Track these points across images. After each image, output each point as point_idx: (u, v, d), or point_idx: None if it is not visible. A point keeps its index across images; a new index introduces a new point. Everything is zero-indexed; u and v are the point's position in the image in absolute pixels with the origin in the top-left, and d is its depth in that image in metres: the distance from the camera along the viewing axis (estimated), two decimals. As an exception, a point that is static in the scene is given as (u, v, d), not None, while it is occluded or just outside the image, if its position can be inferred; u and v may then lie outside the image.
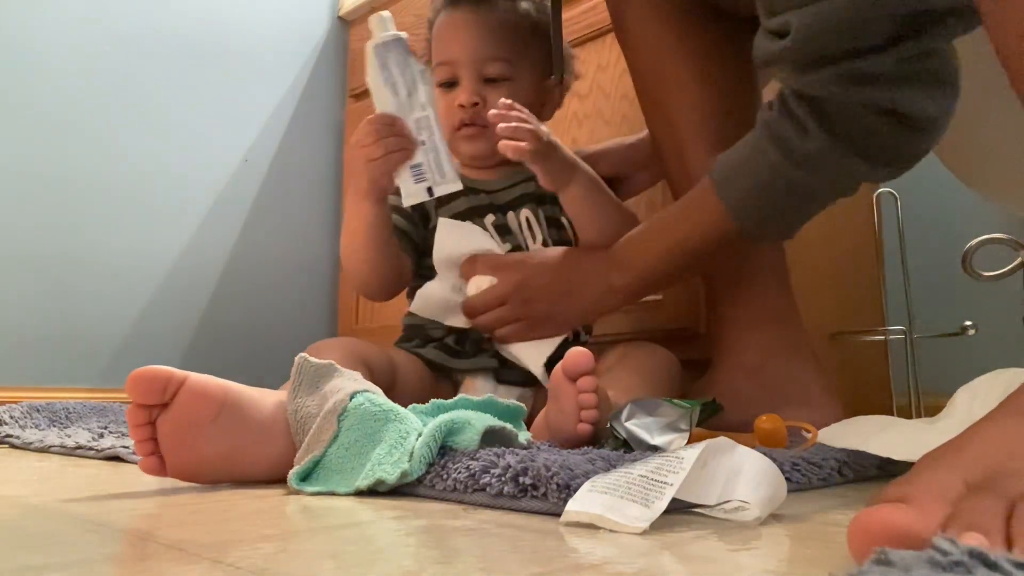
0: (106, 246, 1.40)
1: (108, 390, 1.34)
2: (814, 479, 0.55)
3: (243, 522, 0.41)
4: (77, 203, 1.37)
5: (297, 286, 1.65)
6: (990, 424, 0.35)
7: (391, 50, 0.79)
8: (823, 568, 0.31)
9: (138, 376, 0.52)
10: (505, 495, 0.46)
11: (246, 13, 1.63)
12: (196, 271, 1.51)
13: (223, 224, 1.56)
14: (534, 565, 0.31)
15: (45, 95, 1.35)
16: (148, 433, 0.53)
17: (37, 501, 0.49)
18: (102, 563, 0.33)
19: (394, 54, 0.79)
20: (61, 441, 0.84)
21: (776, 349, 0.87)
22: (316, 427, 0.55)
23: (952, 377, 0.73)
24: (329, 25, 1.77)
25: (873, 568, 0.23)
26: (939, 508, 0.29)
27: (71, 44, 1.39)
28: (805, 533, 0.39)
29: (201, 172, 1.54)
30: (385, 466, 0.51)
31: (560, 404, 0.62)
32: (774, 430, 0.65)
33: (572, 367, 0.61)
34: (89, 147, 1.40)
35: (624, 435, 0.60)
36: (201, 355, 1.49)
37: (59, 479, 0.62)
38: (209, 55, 1.57)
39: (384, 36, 0.79)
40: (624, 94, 1.15)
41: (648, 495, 0.39)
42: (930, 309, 1.16)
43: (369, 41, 0.80)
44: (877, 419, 0.72)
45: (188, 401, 0.53)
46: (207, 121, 1.56)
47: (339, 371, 0.60)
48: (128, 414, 0.53)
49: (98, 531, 0.39)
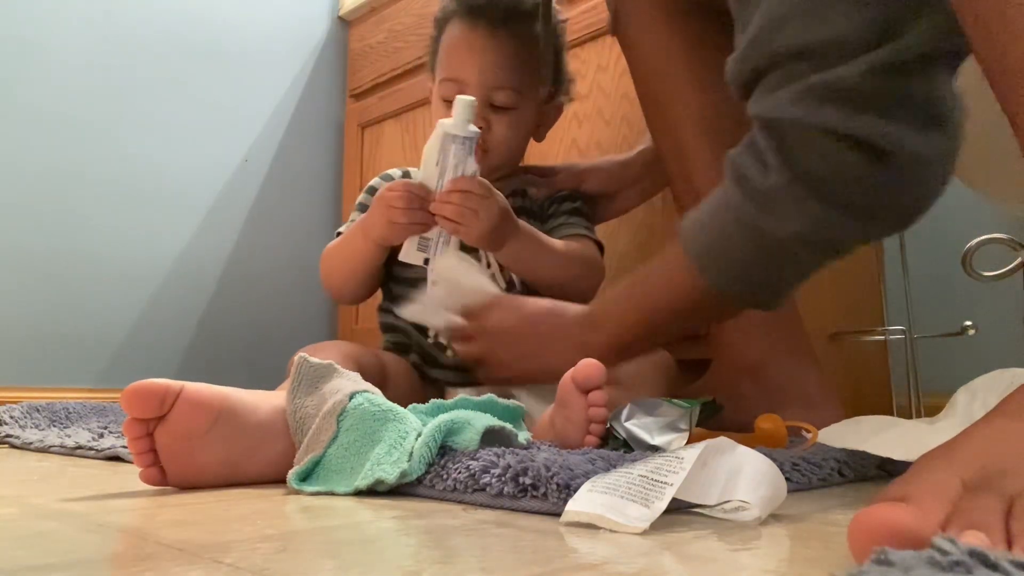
0: (106, 246, 1.40)
1: (108, 390, 1.34)
2: (814, 479, 0.55)
3: (243, 522, 0.41)
4: (77, 203, 1.37)
5: (297, 286, 1.65)
6: (987, 424, 0.35)
7: (458, 143, 0.82)
8: (823, 568, 0.31)
9: (134, 391, 0.52)
10: (505, 495, 0.46)
11: (246, 13, 1.63)
12: (196, 271, 1.51)
13: (223, 224, 1.56)
14: (534, 565, 0.31)
15: (45, 95, 1.35)
16: (147, 445, 0.53)
17: (37, 501, 0.49)
18: (102, 563, 0.33)
19: (458, 147, 0.82)
20: (61, 441, 0.84)
21: (776, 349, 0.87)
22: (315, 427, 0.55)
23: (952, 377, 0.73)
24: (329, 25, 1.77)
25: (873, 568, 0.23)
26: (938, 507, 0.29)
27: (71, 44, 1.39)
28: (805, 533, 0.39)
29: (201, 172, 1.54)
30: (384, 466, 0.51)
31: (568, 413, 0.62)
32: (774, 430, 0.65)
33: (583, 379, 0.61)
34: (89, 147, 1.40)
35: (624, 435, 0.60)
36: (200, 355, 1.49)
37: (59, 479, 0.62)
38: (209, 55, 1.57)
39: (461, 128, 0.82)
40: (624, 94, 1.15)
41: (648, 495, 0.39)
42: (930, 309, 1.16)
43: (445, 120, 0.83)
44: (877, 419, 0.72)
45: (185, 411, 0.53)
46: (207, 121, 1.56)
47: (338, 371, 0.60)
48: (125, 427, 0.53)
49: (98, 531, 0.39)
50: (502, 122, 0.92)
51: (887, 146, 0.54)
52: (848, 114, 0.53)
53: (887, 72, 0.52)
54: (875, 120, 0.53)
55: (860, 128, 0.54)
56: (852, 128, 0.54)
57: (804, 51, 0.55)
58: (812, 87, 0.54)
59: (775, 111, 0.57)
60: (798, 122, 0.56)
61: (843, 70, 0.53)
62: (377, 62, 1.65)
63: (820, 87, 0.54)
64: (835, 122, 0.54)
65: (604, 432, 0.61)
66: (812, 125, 0.55)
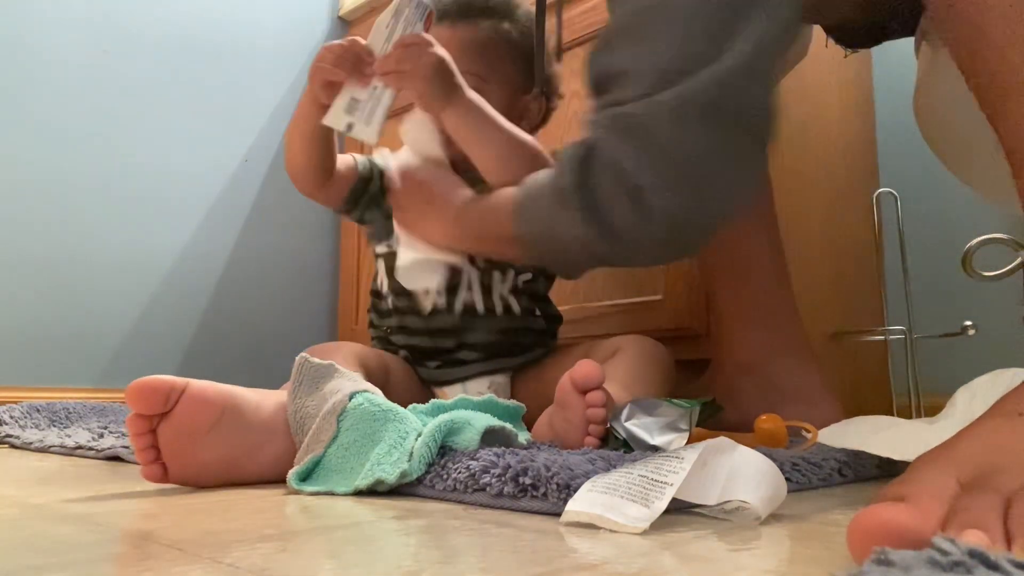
0: (106, 246, 1.40)
1: (108, 390, 1.34)
2: (814, 479, 0.55)
3: (243, 522, 0.41)
4: (77, 203, 1.37)
5: (297, 286, 1.65)
6: (985, 424, 0.35)
7: (411, 6, 0.81)
8: (823, 568, 0.31)
9: (139, 386, 0.52)
10: (505, 495, 0.46)
11: (246, 13, 1.63)
12: (196, 271, 1.51)
13: (223, 224, 1.56)
14: (534, 565, 0.31)
15: (44, 95, 1.35)
16: (149, 441, 0.53)
17: (37, 501, 0.49)
18: (102, 563, 0.33)
19: (411, 12, 0.81)
20: (61, 441, 0.84)
21: (776, 349, 0.87)
22: (315, 428, 0.55)
23: (952, 377, 0.73)
24: (329, 25, 1.77)
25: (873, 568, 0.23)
26: (937, 507, 0.29)
27: (70, 44, 1.39)
28: (805, 533, 0.39)
29: (201, 172, 1.54)
30: (385, 466, 0.51)
31: (567, 414, 0.62)
32: (774, 430, 0.65)
33: (582, 380, 0.61)
34: (89, 147, 1.40)
35: (624, 435, 0.60)
36: (201, 355, 1.49)
37: (59, 479, 0.62)
38: (209, 55, 1.57)
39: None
40: (624, 94, 1.15)
41: (648, 495, 0.39)
42: (930, 309, 1.16)
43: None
44: (877, 419, 0.72)
45: (189, 408, 0.53)
46: (207, 121, 1.56)
47: (339, 371, 0.60)
48: (128, 423, 0.53)
49: (98, 531, 0.39)
50: None
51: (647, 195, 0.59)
52: (635, 152, 0.59)
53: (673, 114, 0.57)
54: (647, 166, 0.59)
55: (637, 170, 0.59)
56: (631, 167, 0.59)
57: (619, 76, 0.61)
58: (615, 118, 0.60)
59: (589, 129, 0.63)
60: (599, 146, 0.62)
61: (641, 107, 0.58)
62: (377, 62, 1.65)
63: (621, 119, 0.60)
64: (623, 158, 0.60)
65: (603, 432, 0.61)
66: (607, 153, 0.61)
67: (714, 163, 0.60)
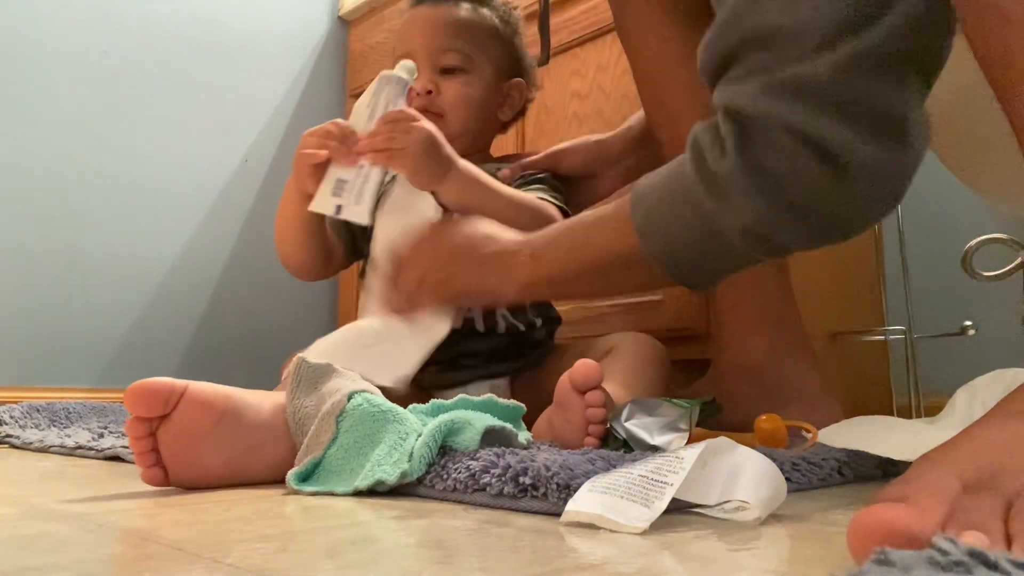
0: (106, 246, 1.40)
1: (108, 390, 1.34)
2: (814, 479, 0.55)
3: (243, 522, 0.41)
4: (77, 203, 1.37)
5: (297, 286, 1.64)
6: (985, 424, 0.35)
7: (391, 84, 0.81)
8: (823, 568, 0.31)
9: (138, 389, 0.52)
10: (505, 495, 0.46)
11: (246, 13, 1.63)
12: (196, 271, 1.51)
13: (223, 224, 1.56)
14: (534, 565, 0.31)
15: (45, 94, 1.35)
16: (149, 445, 0.52)
17: (37, 501, 0.49)
18: (102, 563, 0.33)
19: (391, 89, 0.81)
20: (61, 441, 0.84)
21: (776, 349, 0.87)
22: (314, 429, 0.55)
23: (952, 377, 0.73)
24: (329, 25, 1.77)
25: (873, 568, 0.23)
26: (937, 507, 0.29)
27: (71, 43, 1.39)
28: (805, 533, 0.39)
29: (201, 172, 1.54)
30: (385, 467, 0.51)
31: (567, 415, 0.62)
32: (774, 430, 0.65)
33: (581, 380, 0.61)
34: (89, 147, 1.40)
35: (624, 435, 0.60)
36: (200, 355, 1.49)
37: (59, 479, 0.62)
38: (209, 55, 1.57)
39: (395, 72, 0.82)
40: (624, 94, 1.15)
41: (648, 495, 0.39)
42: (930, 309, 1.16)
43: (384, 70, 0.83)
44: (877, 419, 0.72)
45: (189, 411, 0.53)
46: (207, 121, 1.56)
47: (337, 371, 0.60)
48: (128, 426, 0.52)
49: (98, 531, 0.39)
50: (454, 84, 0.92)
51: (841, 152, 0.52)
52: (812, 113, 0.52)
53: (854, 69, 0.51)
54: (835, 123, 0.52)
55: (820, 130, 0.52)
56: (813, 129, 0.52)
57: (773, 35, 0.53)
58: (781, 81, 0.53)
59: (740, 101, 0.55)
60: (762, 115, 0.54)
61: (809, 66, 0.51)
62: (377, 62, 1.65)
63: (788, 82, 0.52)
64: (799, 121, 0.52)
65: (603, 432, 0.61)
66: (776, 120, 0.53)
67: (901, 110, 0.53)
